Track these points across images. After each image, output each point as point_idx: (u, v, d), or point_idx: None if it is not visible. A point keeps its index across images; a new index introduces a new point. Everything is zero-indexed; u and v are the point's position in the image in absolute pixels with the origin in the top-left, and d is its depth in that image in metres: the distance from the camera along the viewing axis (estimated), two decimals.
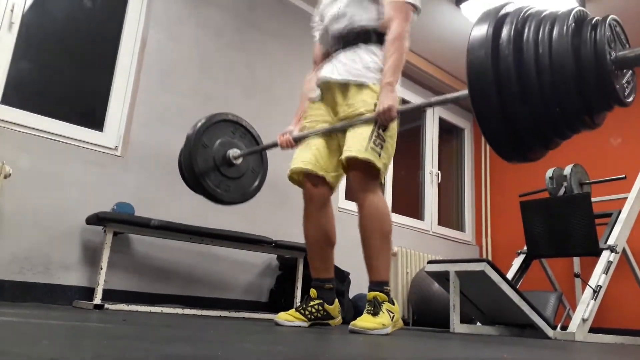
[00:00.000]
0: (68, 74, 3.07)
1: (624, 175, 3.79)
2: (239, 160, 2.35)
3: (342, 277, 3.52)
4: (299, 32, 4.08)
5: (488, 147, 5.55)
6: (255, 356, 0.81)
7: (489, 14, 1.42)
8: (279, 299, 3.33)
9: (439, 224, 5.12)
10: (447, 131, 5.64)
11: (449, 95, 1.84)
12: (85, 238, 2.73)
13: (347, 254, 3.05)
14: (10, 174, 2.40)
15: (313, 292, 2.09)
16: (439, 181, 5.20)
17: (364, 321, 1.79)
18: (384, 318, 1.83)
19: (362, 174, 1.91)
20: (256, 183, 2.47)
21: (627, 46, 1.38)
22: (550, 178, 3.83)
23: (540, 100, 1.31)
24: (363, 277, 2.06)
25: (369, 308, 1.86)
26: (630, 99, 1.36)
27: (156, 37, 3.20)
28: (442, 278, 3.09)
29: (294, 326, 1.95)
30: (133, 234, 2.83)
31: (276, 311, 3.18)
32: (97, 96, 3.06)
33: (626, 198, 3.47)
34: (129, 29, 3.15)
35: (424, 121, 5.29)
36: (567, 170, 3.83)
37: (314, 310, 2.04)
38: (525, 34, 1.34)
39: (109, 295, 2.58)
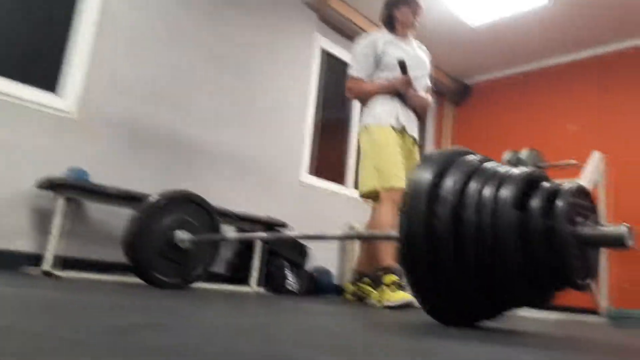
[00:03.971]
0: (21, 33, 2.91)
1: (573, 161, 3.95)
2: (186, 244, 2.19)
3: (301, 250, 3.55)
4: (272, 2, 3.99)
5: (450, 126, 5.65)
6: (200, 326, 0.81)
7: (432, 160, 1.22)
8: (238, 272, 3.34)
9: None
10: None
11: (377, 233, 2.17)
12: (37, 203, 2.63)
13: (307, 229, 3.08)
14: None
15: (395, 277, 2.34)
16: None
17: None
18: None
19: None
20: (199, 270, 2.29)
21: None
22: (508, 161, 3.97)
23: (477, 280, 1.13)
24: (320, 250, 2.10)
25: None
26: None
27: (117, 3, 3.06)
28: None
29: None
30: (89, 202, 2.75)
31: (234, 283, 3.20)
32: (53, 58, 2.91)
33: None
34: None
35: None
36: (524, 154, 3.96)
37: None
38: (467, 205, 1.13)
39: (61, 262, 2.52)
